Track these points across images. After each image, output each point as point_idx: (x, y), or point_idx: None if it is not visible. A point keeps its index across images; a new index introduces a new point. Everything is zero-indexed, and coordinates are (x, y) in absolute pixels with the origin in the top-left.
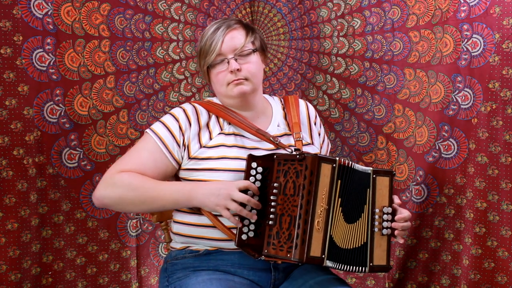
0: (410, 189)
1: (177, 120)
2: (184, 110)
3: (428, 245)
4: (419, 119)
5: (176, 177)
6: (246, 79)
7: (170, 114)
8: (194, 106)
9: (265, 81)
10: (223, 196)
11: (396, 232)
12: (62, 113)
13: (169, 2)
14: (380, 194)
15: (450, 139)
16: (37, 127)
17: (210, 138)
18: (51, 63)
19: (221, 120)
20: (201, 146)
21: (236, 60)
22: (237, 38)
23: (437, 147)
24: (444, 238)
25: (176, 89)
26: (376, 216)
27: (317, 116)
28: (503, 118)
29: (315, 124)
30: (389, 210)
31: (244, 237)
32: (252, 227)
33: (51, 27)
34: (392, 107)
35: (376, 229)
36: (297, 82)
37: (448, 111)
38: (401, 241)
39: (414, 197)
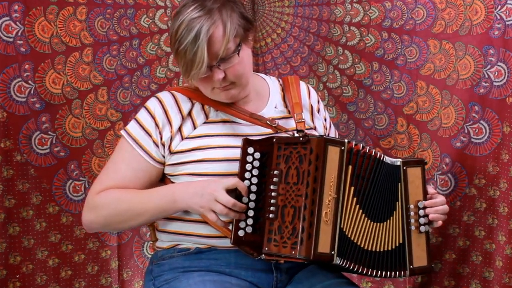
0: (435, 179)
1: (153, 117)
2: (161, 102)
3: (455, 244)
4: (445, 98)
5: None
6: (233, 83)
7: (145, 108)
8: (173, 95)
9: (266, 54)
10: (206, 197)
11: (431, 216)
12: (32, 91)
13: None
14: (413, 188)
15: (481, 121)
16: (2, 108)
17: (194, 128)
18: (19, 34)
19: (206, 106)
20: (182, 138)
21: (219, 66)
22: (217, 41)
23: (466, 131)
24: (474, 236)
25: (164, 63)
26: (412, 213)
27: (320, 102)
28: None
29: (318, 111)
30: (425, 203)
31: (241, 233)
32: (250, 221)
33: None
34: (414, 84)
35: (413, 227)
36: (303, 55)
37: (478, 89)
38: (438, 224)
39: (440, 189)
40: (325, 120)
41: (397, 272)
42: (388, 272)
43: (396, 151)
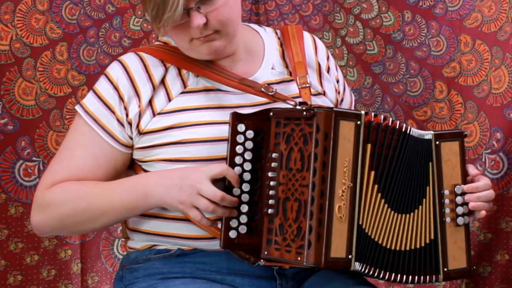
0: (483, 160)
1: (116, 88)
2: (125, 68)
3: (508, 242)
4: (496, 57)
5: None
6: (217, 31)
7: (106, 76)
8: (140, 57)
9: (269, 0)
10: (187, 189)
11: (471, 204)
12: None
13: None
14: (449, 168)
15: None
16: None
17: (169, 100)
18: None
19: (184, 71)
20: (154, 114)
21: (199, 8)
22: None
23: None
24: None
25: (139, 12)
26: (446, 201)
27: (330, 58)
28: None
29: (328, 71)
30: (464, 188)
31: (233, 234)
32: (243, 219)
33: None
34: (456, 39)
35: (447, 219)
36: (316, 2)
37: None
38: (481, 215)
39: (489, 171)
40: (338, 82)
41: (428, 277)
42: (416, 277)
43: (434, 124)
